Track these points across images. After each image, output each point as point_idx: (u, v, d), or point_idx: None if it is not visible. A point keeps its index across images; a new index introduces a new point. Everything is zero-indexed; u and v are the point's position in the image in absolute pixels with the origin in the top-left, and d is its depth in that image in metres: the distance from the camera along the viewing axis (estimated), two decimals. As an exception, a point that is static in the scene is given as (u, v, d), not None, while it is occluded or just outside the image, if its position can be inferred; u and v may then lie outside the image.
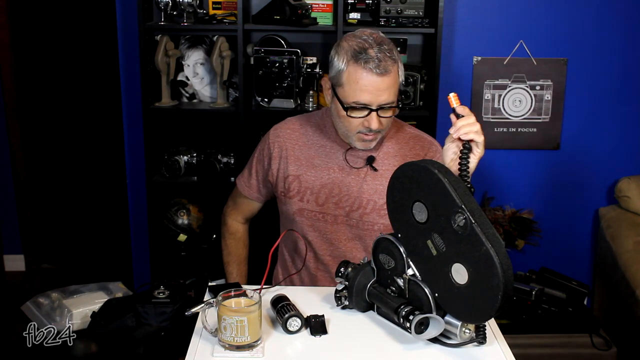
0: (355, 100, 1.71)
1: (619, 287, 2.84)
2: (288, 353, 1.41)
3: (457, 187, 1.31)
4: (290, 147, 1.90)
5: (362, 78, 1.68)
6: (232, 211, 2.10)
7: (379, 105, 1.71)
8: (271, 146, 1.92)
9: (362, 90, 1.69)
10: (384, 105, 1.71)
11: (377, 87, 1.69)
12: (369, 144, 1.79)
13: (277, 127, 1.95)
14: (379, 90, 1.69)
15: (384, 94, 1.70)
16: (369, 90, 1.69)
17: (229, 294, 1.43)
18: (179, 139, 3.02)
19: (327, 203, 1.86)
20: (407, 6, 2.77)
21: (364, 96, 1.70)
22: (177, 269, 2.90)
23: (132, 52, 2.97)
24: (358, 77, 1.69)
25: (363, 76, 1.68)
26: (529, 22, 3.02)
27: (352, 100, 1.71)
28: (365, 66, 1.67)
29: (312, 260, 1.92)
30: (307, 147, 1.89)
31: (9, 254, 3.83)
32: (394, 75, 1.71)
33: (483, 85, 3.06)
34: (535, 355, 2.70)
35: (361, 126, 1.74)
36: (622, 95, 3.11)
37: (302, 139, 1.91)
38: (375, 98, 1.70)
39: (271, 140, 1.93)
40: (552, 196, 3.20)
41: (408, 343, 1.43)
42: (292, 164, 1.89)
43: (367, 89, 1.69)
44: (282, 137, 1.92)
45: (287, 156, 1.90)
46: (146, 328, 1.92)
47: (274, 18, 2.71)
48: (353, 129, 1.76)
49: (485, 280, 1.26)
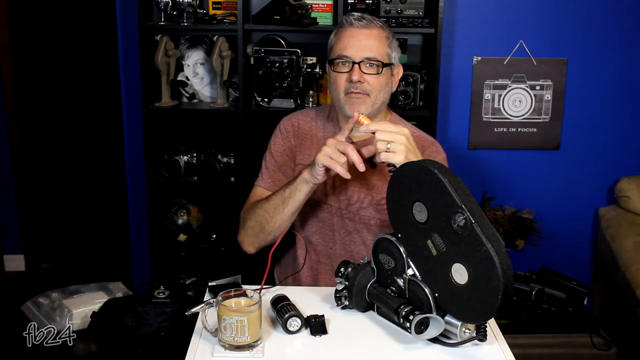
0: (339, 54, 1.79)
1: (619, 287, 2.84)
2: (288, 353, 1.41)
3: (457, 187, 1.31)
4: (300, 137, 1.94)
5: (345, 31, 1.80)
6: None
7: (362, 57, 1.76)
8: (282, 134, 1.97)
9: (345, 44, 1.78)
10: (367, 60, 1.77)
11: (359, 38, 1.77)
12: (358, 105, 1.78)
13: (289, 117, 2.01)
14: (361, 40, 1.77)
15: (367, 43, 1.77)
16: (350, 43, 1.77)
17: (229, 294, 1.44)
18: (179, 139, 3.02)
19: (330, 194, 1.89)
20: (407, 6, 2.77)
21: (346, 49, 1.78)
22: (177, 269, 2.90)
23: (132, 52, 2.97)
24: (342, 33, 1.81)
25: (346, 30, 1.80)
26: (529, 22, 3.02)
27: (336, 54, 1.80)
28: (347, 20, 1.80)
29: (314, 253, 1.93)
30: (316, 139, 1.94)
31: (9, 254, 3.83)
32: (378, 33, 1.80)
33: (483, 85, 3.06)
34: (535, 355, 2.70)
35: (347, 83, 1.78)
36: (622, 95, 3.12)
37: (311, 130, 1.95)
38: (357, 51, 1.77)
39: (282, 128, 1.98)
40: (552, 196, 3.20)
41: (408, 343, 1.43)
42: (301, 154, 1.93)
43: (349, 42, 1.78)
44: (292, 127, 1.97)
45: (296, 145, 1.94)
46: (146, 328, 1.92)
47: (274, 18, 2.71)
48: (341, 88, 1.79)
49: (485, 280, 1.26)
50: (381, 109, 1.86)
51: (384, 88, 1.81)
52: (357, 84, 1.76)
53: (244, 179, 2.83)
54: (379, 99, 1.80)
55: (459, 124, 3.11)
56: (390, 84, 1.85)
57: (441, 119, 3.00)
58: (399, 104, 2.83)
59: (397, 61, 1.86)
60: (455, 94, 3.08)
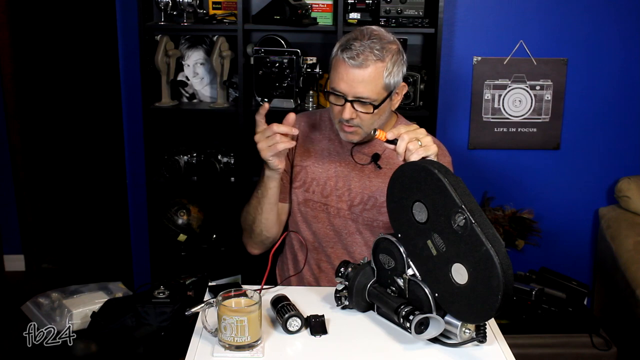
0: (333, 87, 1.75)
1: (619, 287, 2.84)
2: (288, 353, 1.41)
3: (457, 187, 1.31)
4: (300, 138, 1.94)
5: (340, 66, 1.72)
6: None
7: (354, 96, 1.72)
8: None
9: (339, 78, 1.72)
10: (359, 98, 1.72)
11: (351, 78, 1.70)
12: (349, 135, 1.80)
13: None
14: (353, 81, 1.71)
15: (359, 87, 1.71)
16: (344, 80, 1.71)
17: (229, 294, 1.44)
18: (179, 139, 3.02)
19: (332, 195, 1.89)
20: (407, 6, 2.77)
21: (339, 84, 1.72)
22: (177, 269, 2.90)
23: (132, 52, 2.97)
24: (338, 65, 1.73)
25: (341, 65, 1.72)
26: (529, 22, 3.02)
27: (331, 86, 1.77)
28: (343, 55, 1.70)
29: (315, 253, 1.93)
30: (318, 140, 1.94)
31: (9, 254, 3.83)
32: (374, 72, 1.70)
33: (483, 85, 3.06)
34: (535, 355, 2.70)
35: (340, 115, 1.76)
36: (622, 95, 3.11)
37: (313, 132, 1.95)
38: (349, 89, 1.71)
39: None
40: (552, 196, 3.20)
41: (408, 343, 1.43)
42: (300, 155, 1.93)
43: (343, 78, 1.71)
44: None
45: (296, 146, 1.93)
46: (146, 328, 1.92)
47: (274, 18, 2.71)
48: (336, 117, 1.79)
49: (485, 280, 1.26)
50: (385, 122, 1.84)
51: (379, 117, 1.78)
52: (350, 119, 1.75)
53: (244, 179, 2.83)
54: (371, 127, 1.77)
55: (459, 124, 3.12)
56: (389, 107, 1.81)
57: (441, 119, 3.00)
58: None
59: (400, 82, 1.78)
60: (455, 94, 3.08)
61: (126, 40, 3.00)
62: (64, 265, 3.95)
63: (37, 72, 4.13)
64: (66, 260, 4.01)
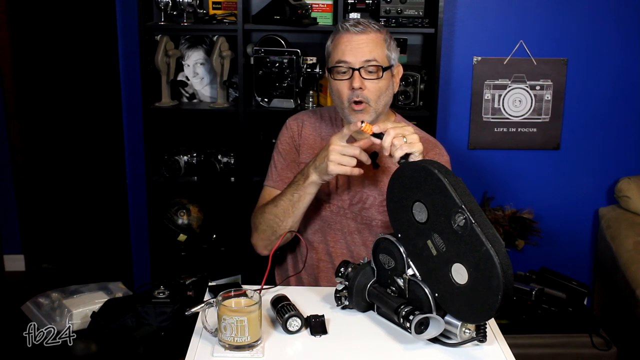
0: (338, 59, 1.77)
1: (619, 287, 2.84)
2: (288, 353, 1.41)
3: (457, 187, 1.31)
4: (304, 136, 1.96)
5: (342, 38, 1.78)
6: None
7: (361, 62, 1.75)
8: (289, 132, 1.98)
9: (343, 50, 1.76)
10: (366, 65, 1.75)
11: (356, 44, 1.75)
12: (359, 115, 1.78)
13: (295, 117, 2.02)
14: (359, 45, 1.75)
15: (365, 50, 1.75)
16: (348, 48, 1.76)
17: (229, 294, 1.44)
18: (179, 139, 3.02)
19: (333, 193, 1.90)
20: (407, 6, 2.77)
21: (345, 55, 1.76)
22: (177, 269, 2.90)
23: (132, 52, 2.97)
24: (339, 40, 1.79)
25: (343, 37, 1.78)
26: (529, 22, 3.02)
27: (335, 61, 1.79)
28: (343, 27, 1.78)
29: (315, 252, 1.93)
30: (320, 138, 1.95)
31: (9, 254, 3.83)
32: (376, 37, 1.77)
33: (483, 85, 3.06)
34: (535, 355, 2.70)
35: (349, 91, 1.77)
36: (622, 95, 3.11)
37: (316, 130, 1.96)
38: (355, 56, 1.75)
39: (289, 127, 1.99)
40: (552, 196, 3.20)
41: (408, 343, 1.43)
42: (305, 152, 1.94)
43: (347, 47, 1.76)
44: (297, 126, 1.98)
45: (300, 144, 1.95)
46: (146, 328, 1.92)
47: (274, 18, 2.71)
48: (344, 98, 1.78)
49: (485, 280, 1.26)
50: (384, 111, 1.86)
51: (385, 92, 1.80)
52: (358, 90, 1.75)
53: (244, 179, 2.83)
54: (380, 105, 1.80)
55: (459, 124, 3.12)
56: (392, 85, 1.84)
57: (441, 119, 3.00)
58: (399, 104, 2.83)
59: (397, 62, 1.85)
60: (455, 94, 3.09)
61: (126, 40, 3.00)
62: (64, 265, 3.95)
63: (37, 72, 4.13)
64: (66, 260, 4.01)
